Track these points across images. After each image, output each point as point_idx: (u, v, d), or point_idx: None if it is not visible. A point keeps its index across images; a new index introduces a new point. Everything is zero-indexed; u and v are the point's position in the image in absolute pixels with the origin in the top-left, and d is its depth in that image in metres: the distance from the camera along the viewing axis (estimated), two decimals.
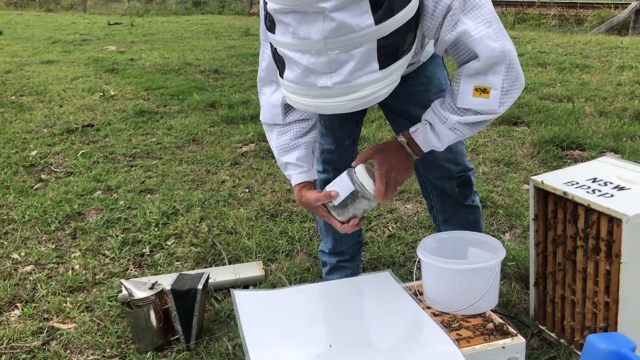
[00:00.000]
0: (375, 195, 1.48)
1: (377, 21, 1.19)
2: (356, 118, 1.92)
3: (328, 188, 1.55)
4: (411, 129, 1.53)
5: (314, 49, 1.21)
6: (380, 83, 1.27)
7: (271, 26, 1.29)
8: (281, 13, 1.22)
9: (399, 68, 1.30)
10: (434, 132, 1.48)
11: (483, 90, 1.38)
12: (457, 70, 1.45)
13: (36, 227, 2.86)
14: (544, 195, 1.77)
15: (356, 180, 1.48)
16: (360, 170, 1.49)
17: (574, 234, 1.69)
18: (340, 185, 1.51)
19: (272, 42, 1.32)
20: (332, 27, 1.18)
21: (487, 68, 1.37)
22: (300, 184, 1.67)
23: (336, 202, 1.51)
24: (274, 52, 1.35)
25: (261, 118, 1.72)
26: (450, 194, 1.94)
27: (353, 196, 1.49)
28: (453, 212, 1.98)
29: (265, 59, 1.62)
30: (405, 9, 1.23)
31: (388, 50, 1.24)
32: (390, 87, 1.30)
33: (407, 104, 1.79)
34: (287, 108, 1.66)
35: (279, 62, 1.33)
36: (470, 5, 1.34)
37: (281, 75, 1.34)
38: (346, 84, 1.24)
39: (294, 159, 1.67)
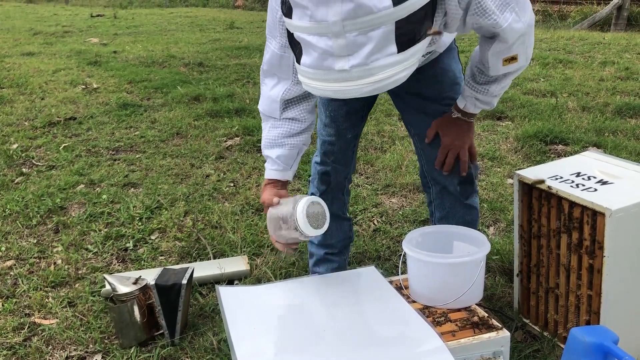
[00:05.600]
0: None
1: (396, 2, 1.18)
2: (362, 112, 1.91)
3: (284, 201, 1.58)
4: (460, 105, 1.70)
5: (331, 32, 1.19)
6: (399, 66, 1.25)
7: (288, 12, 1.28)
8: None
9: (418, 52, 1.28)
10: (481, 101, 1.67)
11: (511, 59, 1.52)
12: (479, 42, 1.53)
13: (17, 222, 2.82)
14: (528, 189, 1.78)
15: (296, 208, 1.50)
16: (302, 202, 1.50)
17: (557, 228, 1.70)
18: (287, 203, 1.55)
19: (289, 28, 1.31)
20: (350, 9, 1.16)
21: (513, 45, 1.48)
22: (270, 180, 1.70)
23: (276, 213, 1.56)
24: (291, 40, 1.33)
25: (259, 107, 1.72)
26: (451, 191, 1.88)
27: (286, 218, 1.53)
28: (451, 209, 1.92)
29: (268, 52, 1.61)
30: None
31: (406, 33, 1.23)
32: (409, 71, 1.29)
33: (419, 95, 1.79)
34: (286, 105, 1.66)
35: (296, 49, 1.31)
36: None
37: (298, 61, 1.32)
38: (364, 66, 1.22)
39: (275, 155, 1.68)
